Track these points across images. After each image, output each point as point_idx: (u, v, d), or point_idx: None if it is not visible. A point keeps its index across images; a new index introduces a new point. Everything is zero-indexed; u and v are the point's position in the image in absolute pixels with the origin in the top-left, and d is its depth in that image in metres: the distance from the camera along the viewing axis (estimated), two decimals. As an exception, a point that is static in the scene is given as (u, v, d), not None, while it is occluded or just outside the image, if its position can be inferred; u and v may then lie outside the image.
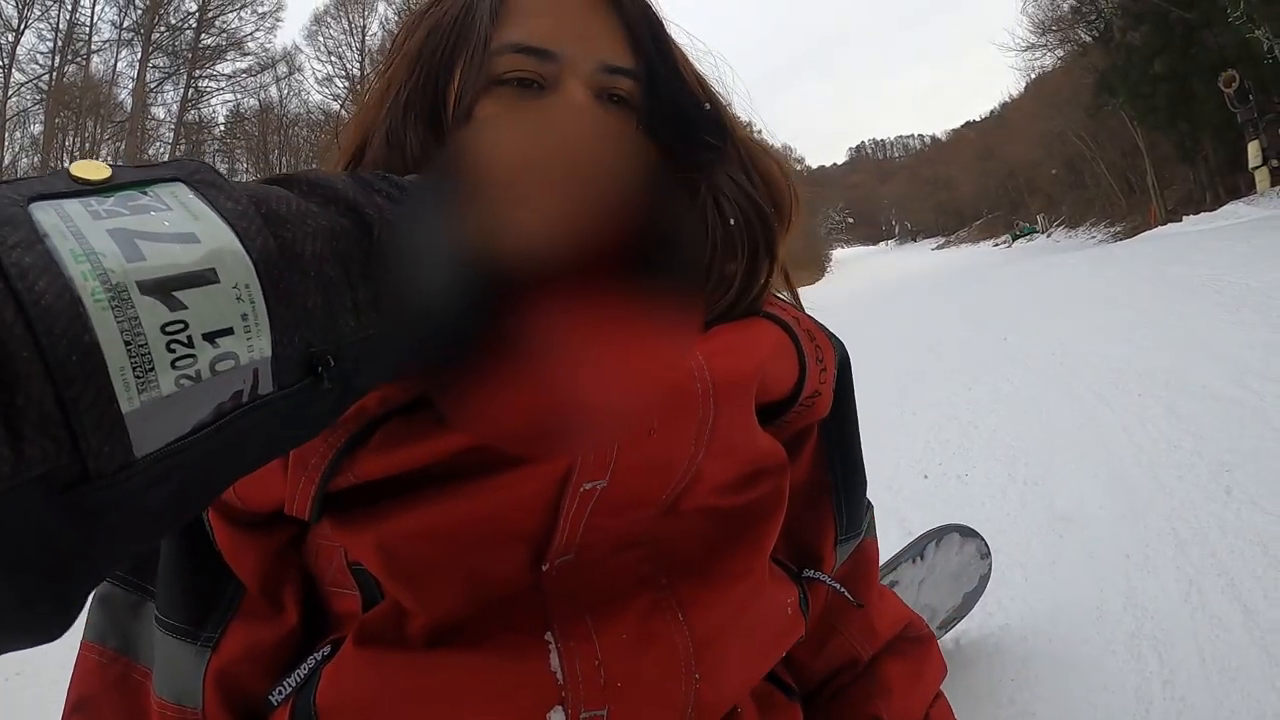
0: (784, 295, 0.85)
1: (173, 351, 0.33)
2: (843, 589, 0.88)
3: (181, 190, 0.38)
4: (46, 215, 0.33)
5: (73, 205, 0.34)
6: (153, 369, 0.33)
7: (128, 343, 0.32)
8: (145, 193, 0.37)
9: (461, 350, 0.52)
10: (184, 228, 0.35)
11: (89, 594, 0.38)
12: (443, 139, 0.69)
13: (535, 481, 0.63)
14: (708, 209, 0.72)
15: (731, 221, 0.72)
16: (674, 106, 0.72)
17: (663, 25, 0.73)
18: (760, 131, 0.82)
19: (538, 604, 0.67)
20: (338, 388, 0.42)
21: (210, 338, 0.35)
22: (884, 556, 2.04)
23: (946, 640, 2.12)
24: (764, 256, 0.75)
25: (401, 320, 0.45)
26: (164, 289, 0.33)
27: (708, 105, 0.74)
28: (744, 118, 0.80)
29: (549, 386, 0.57)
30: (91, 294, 0.31)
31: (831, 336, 0.86)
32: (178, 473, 0.36)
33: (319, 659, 0.71)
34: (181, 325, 0.33)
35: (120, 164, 0.38)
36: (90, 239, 0.33)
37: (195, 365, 0.34)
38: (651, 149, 0.58)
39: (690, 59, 0.76)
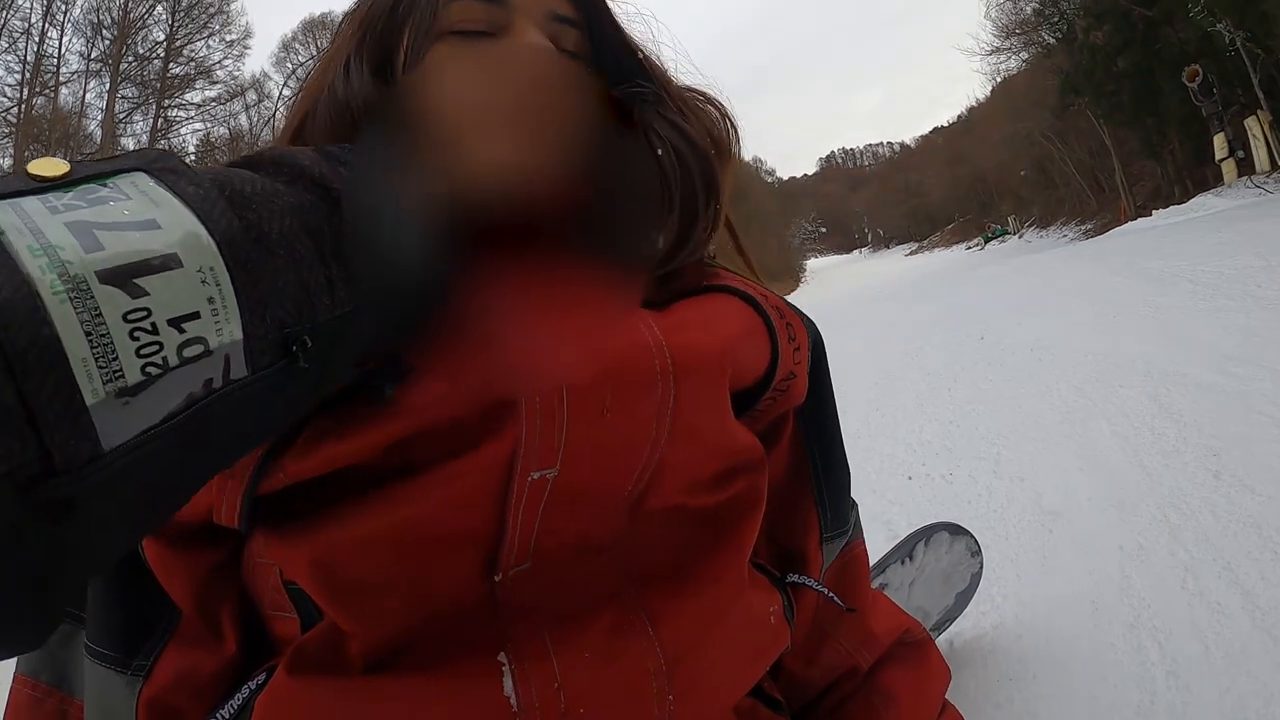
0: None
1: (136, 339, 0.33)
2: (831, 593, 0.82)
3: (142, 179, 0.37)
4: (3, 214, 0.32)
5: (30, 202, 0.34)
6: (116, 358, 0.32)
7: (88, 333, 0.31)
8: (105, 185, 0.36)
9: (426, 311, 0.50)
10: (144, 215, 0.35)
11: (70, 598, 0.39)
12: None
13: (477, 472, 0.56)
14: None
15: (659, 152, 0.68)
16: (612, 55, 0.72)
17: None
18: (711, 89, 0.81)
19: (491, 620, 0.60)
20: (315, 367, 0.41)
21: (175, 323, 0.34)
22: (871, 560, 1.98)
23: (940, 642, 2.06)
24: (700, 183, 0.70)
25: (377, 294, 0.43)
26: (124, 277, 0.32)
27: (641, 55, 0.74)
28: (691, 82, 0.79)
29: (497, 343, 0.54)
30: (50, 287, 0.31)
31: (801, 315, 0.80)
32: (152, 464, 0.35)
33: (253, 688, 0.64)
34: (144, 312, 0.33)
35: (81, 160, 0.38)
36: (47, 233, 0.32)
37: (161, 353, 0.34)
38: (605, 95, 0.57)
39: (621, 25, 0.76)
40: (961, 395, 4.94)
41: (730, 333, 0.68)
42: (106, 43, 29.96)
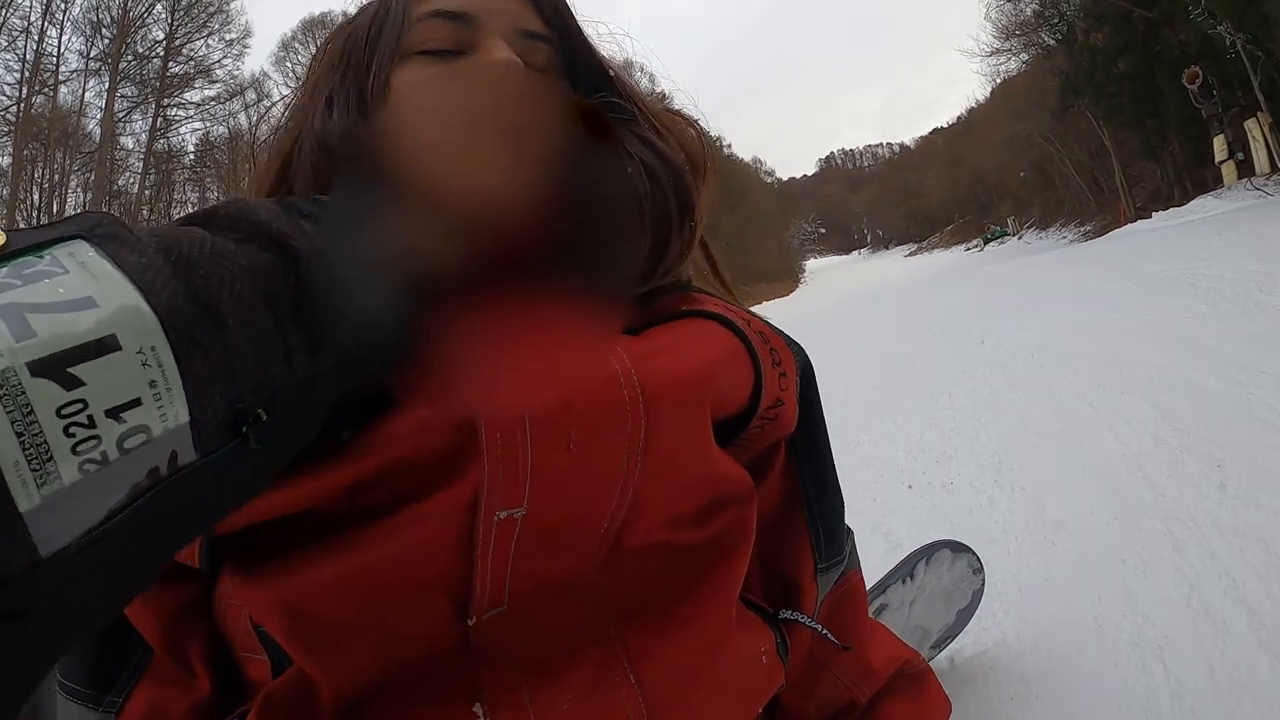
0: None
1: (72, 436, 0.31)
2: (825, 631, 0.79)
3: (81, 248, 0.35)
4: None
5: None
6: (51, 459, 0.30)
7: (20, 434, 0.29)
8: (42, 256, 0.34)
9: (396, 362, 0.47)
10: (81, 292, 0.33)
11: (20, 707, 0.35)
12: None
13: (438, 516, 0.53)
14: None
15: (628, 170, 0.65)
16: (583, 73, 0.71)
17: (565, 3, 0.73)
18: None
19: (465, 666, 0.57)
20: (271, 443, 0.39)
21: (115, 413, 0.32)
22: (871, 573, 1.94)
23: (940, 660, 2.03)
24: (674, 201, 0.67)
25: (342, 356, 0.41)
26: (58, 367, 0.30)
27: (614, 73, 0.73)
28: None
29: (457, 379, 0.50)
30: None
31: (789, 341, 0.77)
32: (99, 564, 0.33)
33: None
34: (80, 405, 0.31)
35: (19, 228, 0.35)
36: None
37: (100, 447, 0.31)
38: (577, 109, 0.53)
39: (593, 43, 0.75)
40: (962, 400, 4.90)
41: (708, 358, 0.65)
42: (106, 41, 30.04)
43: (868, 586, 1.87)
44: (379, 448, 0.51)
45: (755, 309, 0.78)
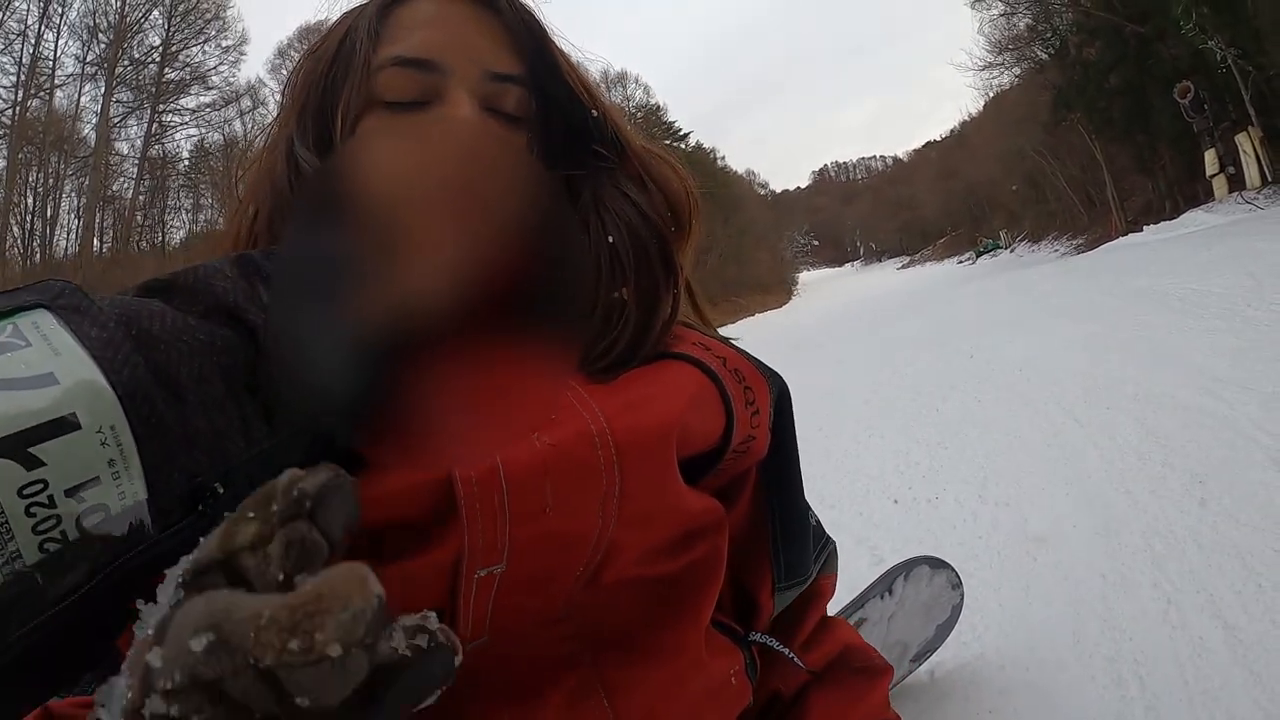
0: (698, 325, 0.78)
1: (33, 516, 0.31)
2: (794, 656, 0.80)
3: (45, 319, 0.35)
4: None
5: None
6: (12, 539, 0.30)
7: None
8: (4, 327, 0.34)
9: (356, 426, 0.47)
10: (43, 367, 0.33)
11: None
12: None
13: (424, 573, 0.55)
14: (590, 224, 0.67)
15: (610, 239, 0.67)
16: (561, 114, 0.69)
17: (545, 32, 0.71)
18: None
19: (450, 693, 0.59)
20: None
21: (74, 492, 0.32)
22: (854, 588, 1.97)
23: (921, 673, 2.05)
24: (660, 269, 0.69)
25: (300, 424, 0.42)
26: (19, 447, 0.30)
27: (595, 112, 0.71)
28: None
29: (433, 443, 0.49)
30: None
31: (764, 370, 0.78)
32: (59, 639, 0.33)
33: None
34: (41, 485, 0.31)
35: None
36: None
37: (59, 526, 0.32)
38: (543, 170, 0.53)
39: (577, 69, 0.73)
40: (950, 415, 4.92)
41: (678, 405, 0.66)
42: (102, 46, 29.87)
43: (849, 600, 1.89)
44: (366, 506, 0.52)
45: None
